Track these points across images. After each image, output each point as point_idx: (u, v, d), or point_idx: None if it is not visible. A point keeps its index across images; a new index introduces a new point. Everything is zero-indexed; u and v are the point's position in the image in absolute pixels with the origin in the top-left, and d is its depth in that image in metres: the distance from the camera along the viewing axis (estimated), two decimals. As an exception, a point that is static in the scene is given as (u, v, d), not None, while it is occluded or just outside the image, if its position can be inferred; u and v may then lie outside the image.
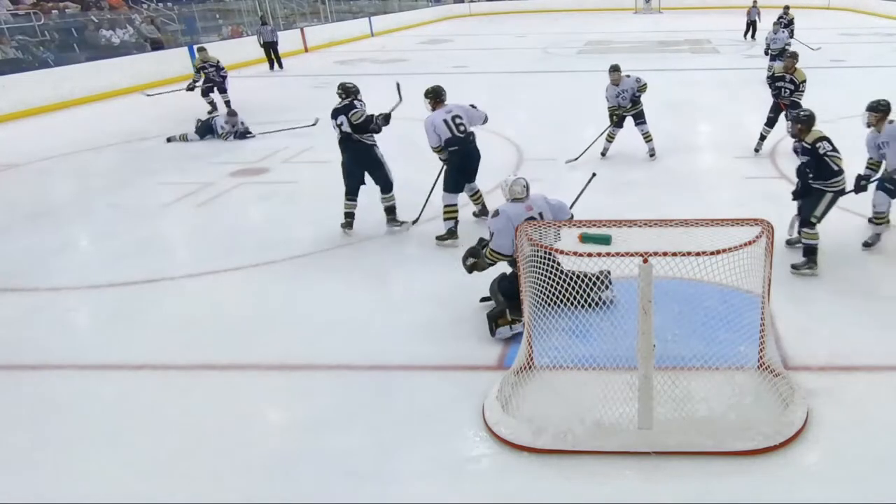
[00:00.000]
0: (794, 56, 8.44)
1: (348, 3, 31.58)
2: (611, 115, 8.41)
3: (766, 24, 20.50)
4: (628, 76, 8.14)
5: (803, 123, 5.25)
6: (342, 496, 3.21)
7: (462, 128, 6.08)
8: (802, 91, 8.18)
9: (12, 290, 5.55)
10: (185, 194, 7.78)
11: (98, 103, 14.04)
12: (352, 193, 6.31)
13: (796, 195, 5.45)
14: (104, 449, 3.60)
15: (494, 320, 4.45)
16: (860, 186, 5.52)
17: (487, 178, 6.63)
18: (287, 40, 20.22)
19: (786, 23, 15.70)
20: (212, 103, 12.23)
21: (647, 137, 8.48)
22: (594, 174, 5.94)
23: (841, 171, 5.17)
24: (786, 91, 8.24)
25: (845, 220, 6.36)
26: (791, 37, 15.97)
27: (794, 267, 5.23)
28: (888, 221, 5.73)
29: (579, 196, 5.58)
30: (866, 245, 5.70)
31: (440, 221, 6.13)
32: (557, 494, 3.17)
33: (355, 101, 6.08)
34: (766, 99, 9.25)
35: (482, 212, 6.57)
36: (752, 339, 3.87)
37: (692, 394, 3.66)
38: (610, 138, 8.53)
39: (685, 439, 3.37)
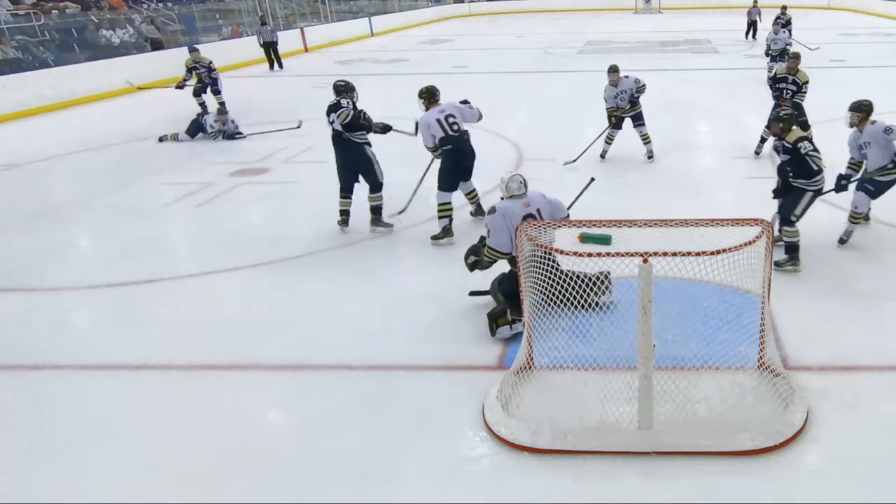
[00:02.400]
0: (797, 57, 8.31)
1: (348, 3, 31.57)
2: (609, 117, 8.31)
3: (766, 24, 20.53)
4: (627, 77, 8.09)
5: (785, 122, 5.28)
6: (342, 496, 3.21)
7: (455, 126, 6.10)
8: (805, 92, 8.05)
9: (12, 290, 5.55)
10: (184, 194, 7.78)
11: (98, 103, 14.05)
12: (346, 191, 6.33)
13: (777, 194, 5.47)
14: (103, 449, 3.59)
15: (494, 320, 4.45)
16: (841, 186, 5.56)
17: (487, 178, 6.63)
18: (287, 40, 20.20)
19: (783, 23, 15.56)
20: (202, 104, 12.03)
21: (646, 139, 8.40)
22: (592, 178, 5.93)
23: (821, 171, 5.19)
24: (787, 92, 8.11)
25: (845, 220, 6.37)
26: (790, 37, 16.05)
27: (776, 265, 5.16)
28: (867, 219, 5.90)
29: (577, 199, 5.58)
30: (842, 242, 5.74)
31: (437, 224, 6.12)
32: (557, 494, 3.17)
33: (342, 101, 6.07)
34: (767, 99, 9.24)
35: (478, 211, 6.58)
36: (752, 340, 3.87)
37: (692, 394, 3.66)
38: (609, 140, 8.43)
39: (685, 439, 3.37)
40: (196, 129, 10.50)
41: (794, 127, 5.28)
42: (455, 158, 6.15)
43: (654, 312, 3.19)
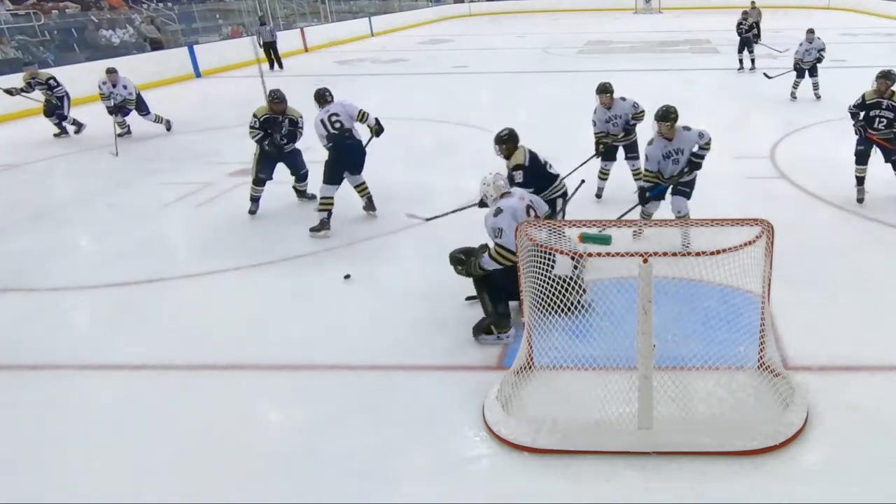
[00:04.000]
0: (889, 76, 6.44)
1: (348, 3, 31.59)
2: (597, 143, 6.99)
3: (766, 25, 20.43)
4: (623, 99, 6.85)
5: (508, 143, 5.43)
6: (342, 496, 3.21)
7: (338, 125, 6.41)
8: None
9: (12, 290, 5.56)
10: (184, 194, 7.78)
11: (97, 103, 14.00)
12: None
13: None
14: (104, 449, 3.60)
15: (479, 333, 4.46)
16: (645, 199, 5.64)
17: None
18: (287, 40, 20.20)
19: (746, 28, 14.86)
20: (58, 124, 11.01)
21: (638, 175, 6.91)
22: (583, 181, 5.86)
23: (557, 176, 5.49)
24: (882, 121, 6.44)
25: (845, 220, 6.38)
26: (757, 40, 15.32)
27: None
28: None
29: (566, 202, 5.58)
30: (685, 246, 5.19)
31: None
32: (557, 494, 3.17)
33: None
34: (765, 99, 9.23)
35: (368, 205, 6.78)
36: (751, 339, 3.88)
37: (692, 394, 3.66)
38: (603, 175, 7.11)
39: (685, 439, 3.38)
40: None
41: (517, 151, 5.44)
42: (336, 154, 6.44)
43: (654, 312, 3.19)
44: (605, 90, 6.77)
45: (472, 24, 35.53)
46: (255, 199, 6.99)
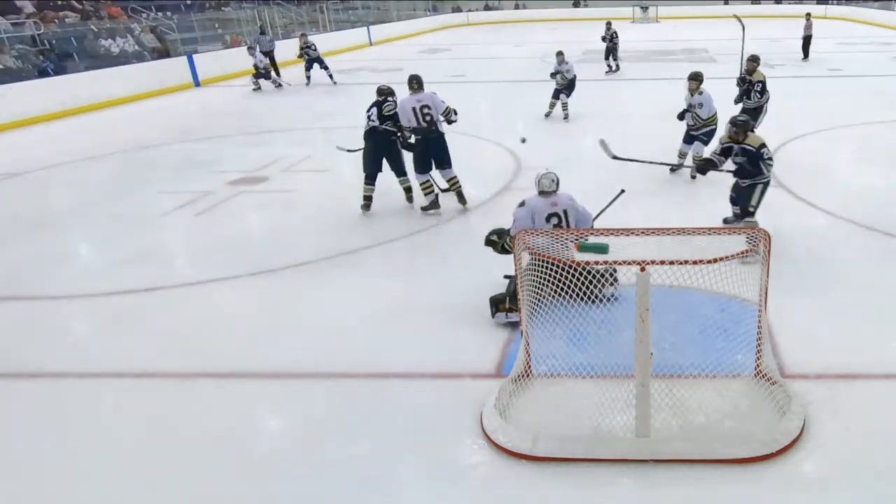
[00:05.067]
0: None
1: (347, 12, 31.69)
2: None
3: (762, 34, 20.44)
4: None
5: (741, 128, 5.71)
6: (341, 504, 3.22)
7: (429, 118, 6.64)
8: None
9: (12, 298, 5.56)
10: (184, 203, 7.80)
11: (98, 112, 14.09)
12: (371, 179, 6.93)
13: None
14: (104, 457, 3.60)
15: (496, 304, 4.70)
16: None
17: (487, 186, 6.67)
18: (286, 49, 20.22)
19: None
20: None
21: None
22: (623, 190, 5.85)
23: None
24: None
25: (843, 229, 6.41)
26: None
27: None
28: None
29: (604, 210, 5.58)
30: (693, 177, 7.83)
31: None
32: (555, 502, 3.18)
33: (388, 99, 6.90)
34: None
35: (460, 199, 7.04)
36: (748, 348, 3.89)
37: (689, 402, 3.67)
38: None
39: (682, 447, 3.39)
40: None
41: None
42: (423, 146, 6.76)
43: (652, 321, 3.21)
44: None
45: (469, 33, 35.61)
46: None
